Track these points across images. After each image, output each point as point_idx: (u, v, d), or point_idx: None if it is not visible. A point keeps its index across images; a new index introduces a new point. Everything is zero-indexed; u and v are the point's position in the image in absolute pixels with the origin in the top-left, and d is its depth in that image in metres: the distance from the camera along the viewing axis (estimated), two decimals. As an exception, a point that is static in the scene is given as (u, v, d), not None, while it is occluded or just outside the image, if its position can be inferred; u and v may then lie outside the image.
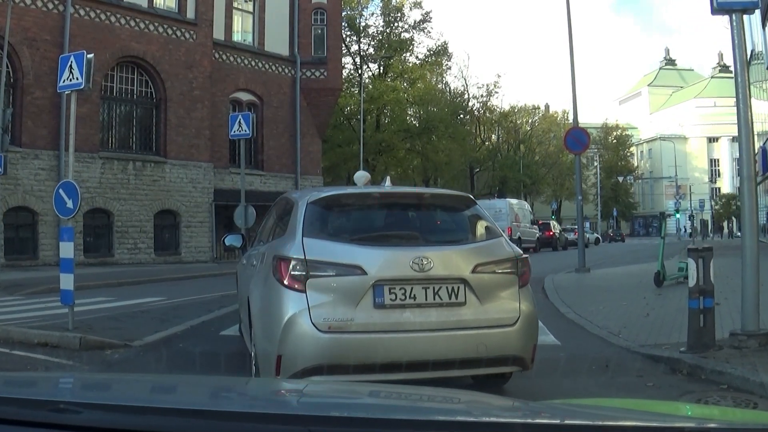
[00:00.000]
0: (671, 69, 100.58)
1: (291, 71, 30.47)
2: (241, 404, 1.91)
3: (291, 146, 30.28)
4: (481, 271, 4.78)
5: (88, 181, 22.67)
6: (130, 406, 1.65)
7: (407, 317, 4.58)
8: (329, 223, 4.98)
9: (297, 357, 4.45)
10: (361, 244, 4.74)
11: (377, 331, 4.52)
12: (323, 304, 4.50)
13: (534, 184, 58.03)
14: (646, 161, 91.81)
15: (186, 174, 25.35)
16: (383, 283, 4.57)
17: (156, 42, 24.60)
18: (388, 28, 44.55)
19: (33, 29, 21.72)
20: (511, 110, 58.14)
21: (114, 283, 16.07)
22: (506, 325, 4.74)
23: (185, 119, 25.20)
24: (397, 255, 4.72)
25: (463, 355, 4.59)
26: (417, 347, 4.54)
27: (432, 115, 44.84)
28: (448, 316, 4.64)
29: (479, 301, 4.71)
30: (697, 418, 1.88)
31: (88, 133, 22.73)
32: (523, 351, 4.79)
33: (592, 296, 11.07)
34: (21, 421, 1.57)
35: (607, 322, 8.38)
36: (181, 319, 8.48)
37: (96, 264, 22.12)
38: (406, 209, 5.43)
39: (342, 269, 4.59)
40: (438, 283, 4.65)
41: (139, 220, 23.96)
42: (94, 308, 10.48)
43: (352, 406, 1.89)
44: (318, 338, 4.44)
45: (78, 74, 7.77)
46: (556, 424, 1.70)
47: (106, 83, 23.72)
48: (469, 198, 5.51)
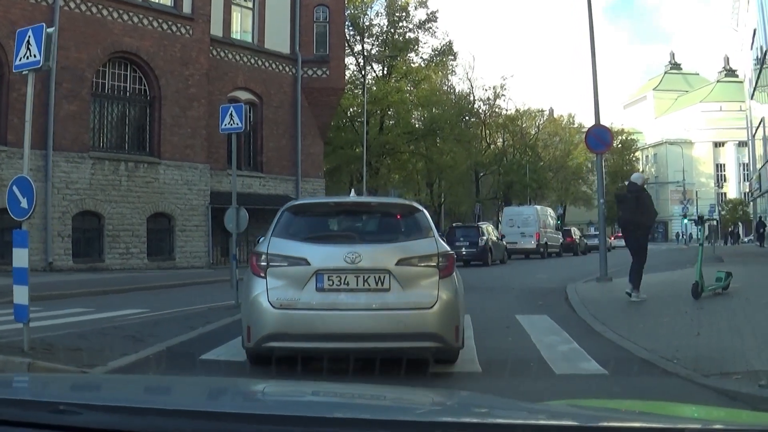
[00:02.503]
0: (676, 73, 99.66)
1: (292, 70, 29.40)
2: (241, 405, 1.92)
3: (292, 147, 29.20)
4: (403, 264, 5.83)
5: (77, 182, 21.61)
6: (130, 407, 1.66)
7: (342, 299, 5.73)
8: (293, 225, 6.24)
9: (258, 327, 5.72)
10: (309, 242, 6.00)
11: (318, 309, 5.69)
12: (278, 287, 5.74)
13: (540, 189, 56.85)
14: (651, 166, 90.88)
15: (181, 175, 24.20)
16: (323, 272, 5.74)
17: (150, 37, 23.48)
18: (392, 27, 43.42)
19: (20, 22, 20.39)
20: (517, 113, 56.92)
21: (98, 291, 14.92)
22: (424, 307, 5.74)
23: (180, 118, 24.05)
24: (334, 250, 5.86)
25: (387, 330, 5.66)
26: (349, 322, 5.67)
27: (437, 116, 43.75)
28: (374, 298, 5.73)
29: (401, 287, 5.76)
30: (701, 420, 1.90)
31: (77, 132, 21.67)
32: (441, 330, 5.76)
33: (627, 310, 9.86)
34: (21, 422, 1.59)
35: (654, 343, 7.19)
36: (159, 337, 7.30)
37: (85, 270, 21.02)
38: (355, 215, 6.70)
39: (293, 261, 5.82)
40: (367, 273, 5.75)
41: (132, 223, 22.83)
42: (65, 322, 9.30)
43: (352, 407, 1.94)
44: (272, 313, 5.68)
45: (36, 50, 6.57)
46: (557, 424, 1.69)
47: (97, 80, 22.63)
48: (414, 206, 6.67)
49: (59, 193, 21.18)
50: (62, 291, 14.49)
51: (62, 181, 21.28)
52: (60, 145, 21.12)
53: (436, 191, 49.81)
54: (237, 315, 9.29)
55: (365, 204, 7.19)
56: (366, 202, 7.26)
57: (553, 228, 35.95)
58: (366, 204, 7.18)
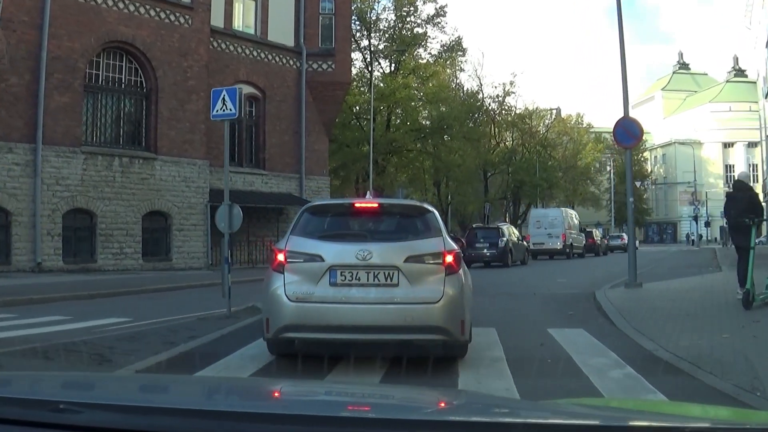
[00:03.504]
0: (685, 73, 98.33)
1: (296, 63, 28.26)
2: (241, 404, 1.90)
3: (295, 144, 28.08)
4: (412, 261, 6.12)
5: (68, 178, 20.51)
6: (130, 406, 1.65)
7: (353, 293, 6.03)
8: (310, 225, 6.58)
9: (276, 318, 6.08)
10: (324, 240, 6.35)
11: (331, 302, 5.99)
12: (294, 282, 6.08)
13: (550, 189, 55.73)
14: (660, 166, 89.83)
15: (179, 172, 23.06)
16: (336, 268, 6.06)
17: (147, 26, 22.34)
18: (400, 22, 42.23)
19: (9, 8, 19.44)
20: (527, 112, 55.83)
21: (85, 295, 13.76)
22: (431, 302, 6.01)
23: (178, 112, 22.89)
24: (347, 248, 6.20)
25: (395, 323, 5.98)
26: (360, 315, 5.99)
27: (446, 113, 42.61)
28: (384, 293, 6.04)
29: (409, 283, 6.04)
30: (706, 419, 1.85)
31: (69, 125, 20.55)
32: (446, 323, 6.05)
33: (673, 323, 8.63)
34: (21, 421, 1.58)
35: (722, 367, 6.01)
36: (131, 356, 6.13)
37: (76, 271, 19.90)
38: (367, 215, 7.00)
39: (308, 257, 6.15)
40: (377, 269, 6.05)
41: (126, 222, 21.69)
42: (32, 333, 8.12)
43: (337, 405, 1.93)
44: (289, 305, 6.03)
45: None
46: (558, 424, 1.67)
47: (90, 71, 21.50)
48: (425, 207, 7.01)
49: (49, 190, 20.07)
50: (46, 295, 13.38)
51: (52, 176, 20.17)
52: (50, 138, 20.02)
53: (444, 191, 48.78)
54: (228, 328, 8.16)
55: (381, 205, 7.45)
56: (379, 203, 7.50)
57: (576, 229, 36.64)
58: (381, 205, 7.45)
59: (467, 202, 48.70)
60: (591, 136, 70.62)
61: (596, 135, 71.84)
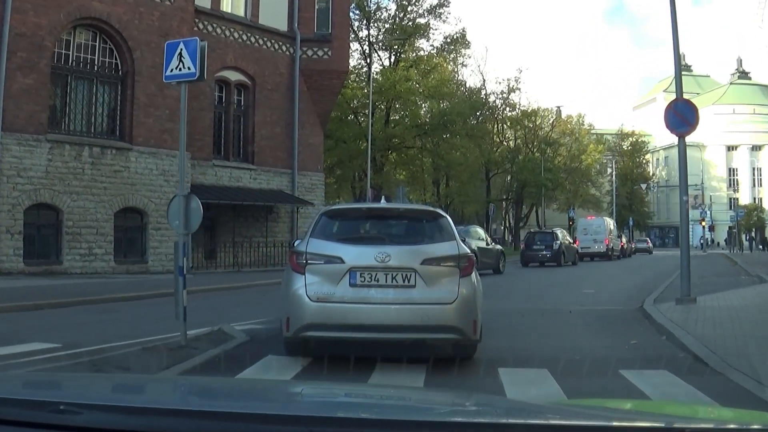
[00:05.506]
0: (687, 75, 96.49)
1: (289, 49, 26.17)
2: (241, 405, 1.86)
3: (287, 137, 25.99)
4: (428, 263, 6.49)
5: (31, 170, 18.34)
6: (129, 407, 1.66)
7: (372, 294, 6.41)
8: (329, 228, 6.99)
9: (297, 318, 6.43)
10: (343, 243, 6.75)
11: (351, 302, 6.37)
12: (315, 282, 6.43)
13: (554, 189, 53.82)
14: (662, 169, 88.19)
15: (156, 164, 20.87)
16: (356, 270, 6.43)
17: (123, 2, 20.17)
18: (401, 11, 40.12)
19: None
20: (531, 110, 53.95)
21: (30, 305, 11.52)
22: (446, 303, 6.41)
23: (157, 98, 20.66)
24: (366, 250, 6.56)
25: (412, 322, 6.39)
26: (378, 315, 6.37)
27: (448, 109, 40.61)
28: (401, 294, 6.42)
29: (426, 284, 6.43)
30: (706, 419, 1.87)
31: (32, 110, 18.36)
32: (460, 323, 6.43)
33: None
34: (21, 422, 1.57)
35: None
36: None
37: (39, 274, 17.70)
38: (384, 219, 7.53)
39: (329, 259, 6.52)
40: (395, 271, 6.42)
41: (96, 219, 19.52)
42: None
43: (353, 406, 1.94)
44: (310, 305, 6.38)
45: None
46: (558, 424, 1.69)
47: (59, 50, 19.32)
48: (438, 212, 7.41)
49: (9, 182, 17.88)
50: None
51: (13, 167, 17.95)
52: (11, 125, 17.84)
53: (444, 190, 46.78)
54: (173, 367, 5.96)
55: (394, 210, 7.88)
56: (395, 208, 7.85)
57: (615, 235, 41.41)
58: (395, 210, 7.87)
59: (468, 202, 46.89)
60: (592, 137, 69.01)
61: (597, 137, 70.44)
